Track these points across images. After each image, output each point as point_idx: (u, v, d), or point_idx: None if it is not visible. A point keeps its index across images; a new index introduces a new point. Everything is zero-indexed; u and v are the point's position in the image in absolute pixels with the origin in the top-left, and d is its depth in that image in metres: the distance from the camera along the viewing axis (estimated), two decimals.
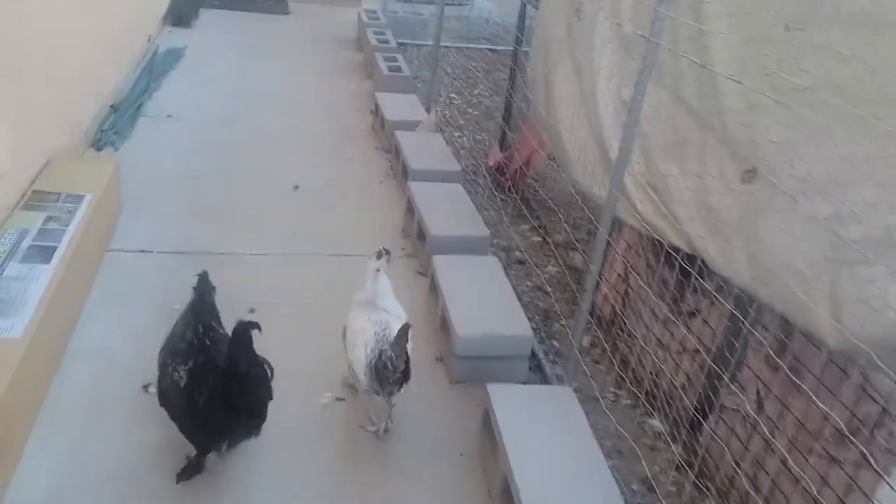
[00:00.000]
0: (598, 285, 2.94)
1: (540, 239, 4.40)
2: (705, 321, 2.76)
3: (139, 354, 2.63)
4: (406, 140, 4.80)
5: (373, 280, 2.67)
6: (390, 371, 2.39)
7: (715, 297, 2.62)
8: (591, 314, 3.13)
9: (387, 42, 7.09)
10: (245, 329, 2.15)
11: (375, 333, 2.49)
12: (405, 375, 2.45)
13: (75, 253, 2.91)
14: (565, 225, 3.90)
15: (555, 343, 3.44)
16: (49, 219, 3.07)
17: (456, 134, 5.70)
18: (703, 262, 2.45)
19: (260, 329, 2.18)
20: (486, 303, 3.17)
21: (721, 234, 2.32)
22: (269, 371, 2.28)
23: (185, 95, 5.59)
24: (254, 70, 6.40)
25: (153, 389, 2.50)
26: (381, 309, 2.62)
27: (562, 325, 3.50)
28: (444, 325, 3.12)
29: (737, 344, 2.54)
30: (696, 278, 2.52)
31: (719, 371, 2.36)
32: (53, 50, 3.73)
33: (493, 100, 6.17)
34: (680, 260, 2.53)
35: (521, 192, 4.78)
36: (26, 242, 2.89)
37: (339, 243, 3.92)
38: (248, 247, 3.75)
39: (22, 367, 2.27)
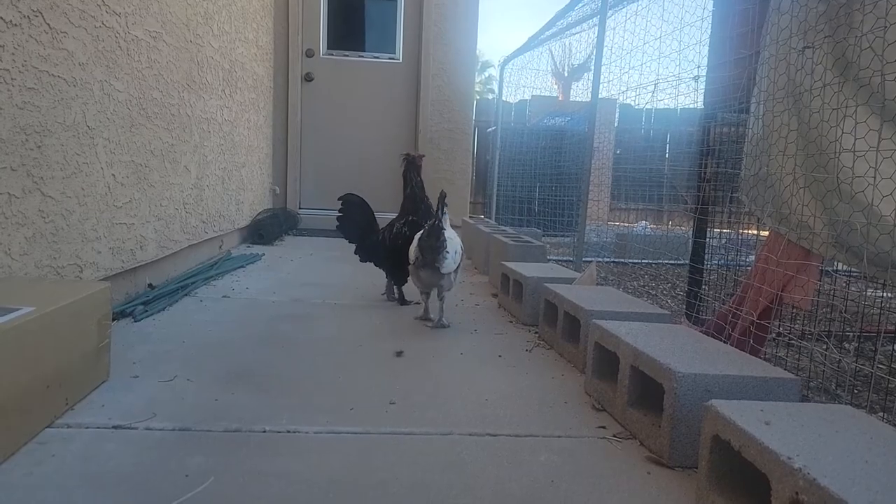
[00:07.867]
0: None
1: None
2: None
3: None
4: (565, 291, 3.14)
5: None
6: (429, 232, 3.03)
7: None
8: None
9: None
10: None
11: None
12: (438, 233, 3.01)
13: None
14: None
15: None
16: None
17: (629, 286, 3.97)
18: None
19: None
20: None
21: None
22: None
23: (251, 283, 4.25)
24: (338, 268, 5.12)
25: None
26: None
27: None
28: None
29: None
30: None
31: None
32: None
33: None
34: None
35: (761, 348, 2.87)
36: None
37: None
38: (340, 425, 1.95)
39: None
